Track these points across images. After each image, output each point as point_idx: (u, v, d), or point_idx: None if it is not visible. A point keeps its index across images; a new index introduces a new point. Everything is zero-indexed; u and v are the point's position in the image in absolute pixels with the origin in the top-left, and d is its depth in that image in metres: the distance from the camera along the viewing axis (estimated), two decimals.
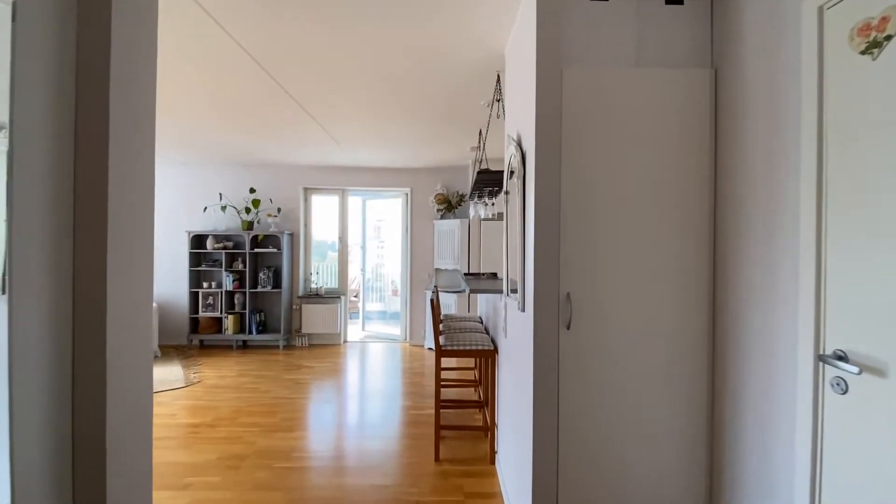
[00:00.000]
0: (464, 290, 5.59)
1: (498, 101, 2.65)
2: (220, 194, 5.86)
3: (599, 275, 1.62)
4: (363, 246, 6.63)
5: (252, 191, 5.75)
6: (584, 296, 1.62)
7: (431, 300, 2.76)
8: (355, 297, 7.94)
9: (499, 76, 2.65)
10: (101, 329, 1.11)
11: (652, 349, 1.61)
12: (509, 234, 2.21)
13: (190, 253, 5.66)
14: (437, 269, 5.87)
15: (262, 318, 5.88)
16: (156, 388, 4.02)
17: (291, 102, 3.32)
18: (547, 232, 1.61)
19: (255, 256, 5.82)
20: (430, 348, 5.71)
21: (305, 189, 6.12)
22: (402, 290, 6.16)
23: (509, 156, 2.02)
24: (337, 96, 3.22)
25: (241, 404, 3.65)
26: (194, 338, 5.71)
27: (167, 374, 4.44)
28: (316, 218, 6.36)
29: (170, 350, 5.56)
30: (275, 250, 5.75)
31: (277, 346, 5.79)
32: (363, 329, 6.60)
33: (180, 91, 3.16)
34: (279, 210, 5.87)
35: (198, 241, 5.76)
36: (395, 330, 6.26)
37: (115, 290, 1.16)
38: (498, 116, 2.69)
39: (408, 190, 6.04)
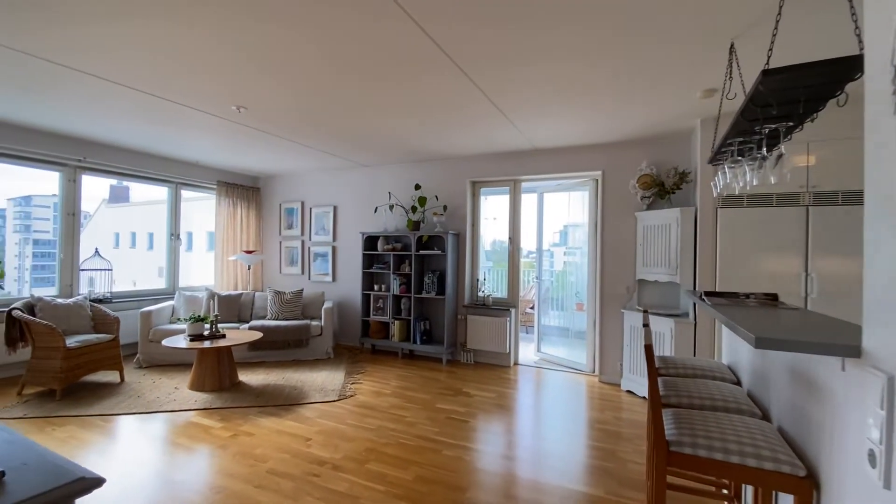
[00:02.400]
0: (685, 315, 3.81)
1: None
2: (389, 193, 5.62)
3: None
4: (539, 249, 5.45)
5: (417, 187, 5.28)
6: None
7: (647, 346, 1.41)
8: (531, 308, 6.81)
9: None
10: None
11: None
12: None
13: (363, 254, 5.56)
14: (639, 281, 4.24)
15: (427, 327, 5.34)
16: (311, 397, 3.77)
17: (449, 64, 2.46)
18: None
19: (420, 259, 5.34)
20: (629, 391, 4.11)
21: (473, 183, 5.34)
22: (590, 306, 4.72)
23: None
24: (504, 33, 2.19)
25: (379, 439, 2.97)
26: (366, 341, 5.57)
27: (328, 382, 4.22)
28: (487, 219, 5.52)
29: (343, 352, 5.55)
30: (439, 252, 5.14)
31: (441, 360, 5.15)
32: (538, 350, 5.40)
33: (349, 69, 2.67)
34: (445, 208, 5.24)
35: (370, 242, 5.63)
36: (579, 356, 4.85)
37: None
38: None
39: (598, 174, 4.58)
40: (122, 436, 2.95)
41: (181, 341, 3.92)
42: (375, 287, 5.61)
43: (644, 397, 3.91)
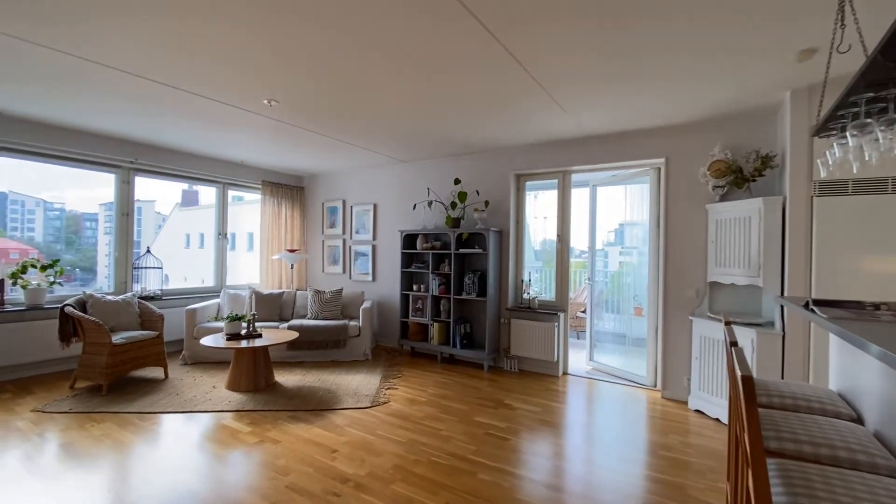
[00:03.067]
0: (770, 325, 3.20)
1: None
2: (428, 189, 5.37)
3: None
4: (592, 247, 4.96)
5: (457, 182, 4.99)
6: None
7: (745, 377, 1.02)
8: (582, 312, 6.29)
9: None
10: None
11: None
12: None
13: (402, 253, 5.37)
14: (711, 284, 3.67)
15: (468, 330, 5.04)
16: (343, 402, 3.59)
17: (487, 37, 2.16)
18: None
19: (460, 258, 5.05)
20: (697, 410, 3.56)
21: (517, 176, 4.97)
22: (651, 311, 4.19)
23: None
24: None
25: (409, 455, 2.71)
26: (405, 343, 5.37)
27: (363, 386, 4.04)
28: (537, 218, 5.12)
29: (381, 353, 5.39)
30: (480, 251, 4.82)
31: (482, 366, 4.83)
32: (590, 359, 4.92)
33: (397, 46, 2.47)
34: (487, 203, 4.91)
35: (409, 240, 5.43)
36: (638, 367, 4.32)
37: None
38: None
39: (660, 161, 4.04)
40: (153, 437, 2.92)
41: (219, 340, 3.91)
42: (414, 287, 5.39)
43: (717, 419, 3.36)
